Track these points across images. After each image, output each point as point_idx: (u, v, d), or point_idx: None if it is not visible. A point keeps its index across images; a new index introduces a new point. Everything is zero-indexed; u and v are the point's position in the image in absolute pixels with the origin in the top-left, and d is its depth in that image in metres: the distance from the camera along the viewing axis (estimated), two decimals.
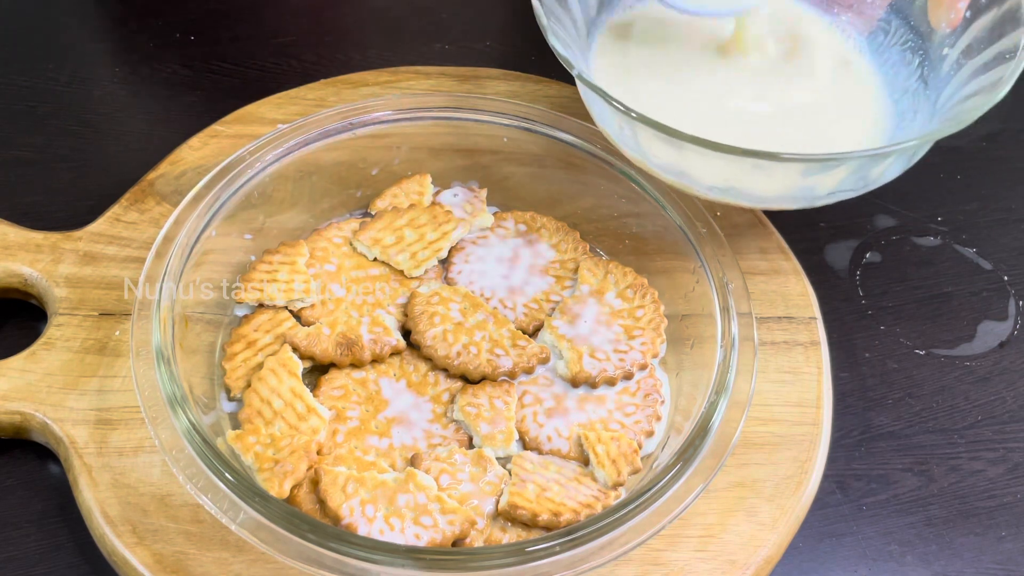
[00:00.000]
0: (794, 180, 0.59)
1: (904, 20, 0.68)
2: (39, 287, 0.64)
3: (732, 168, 0.58)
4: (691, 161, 0.59)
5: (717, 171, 0.59)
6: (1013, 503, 0.62)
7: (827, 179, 0.59)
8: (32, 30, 0.85)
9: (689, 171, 0.60)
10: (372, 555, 0.48)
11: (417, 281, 0.65)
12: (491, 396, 0.59)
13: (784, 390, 0.62)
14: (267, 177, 0.64)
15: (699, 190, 0.62)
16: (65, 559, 0.57)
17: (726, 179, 0.60)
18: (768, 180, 0.59)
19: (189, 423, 0.52)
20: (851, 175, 0.59)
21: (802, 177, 0.59)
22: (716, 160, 0.57)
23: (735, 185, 0.60)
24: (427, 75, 0.77)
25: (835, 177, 0.59)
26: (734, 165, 0.58)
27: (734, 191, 0.61)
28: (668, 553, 0.55)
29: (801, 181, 0.59)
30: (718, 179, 0.60)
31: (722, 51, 0.68)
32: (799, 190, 0.60)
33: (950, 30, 0.65)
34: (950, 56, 0.65)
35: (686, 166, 0.60)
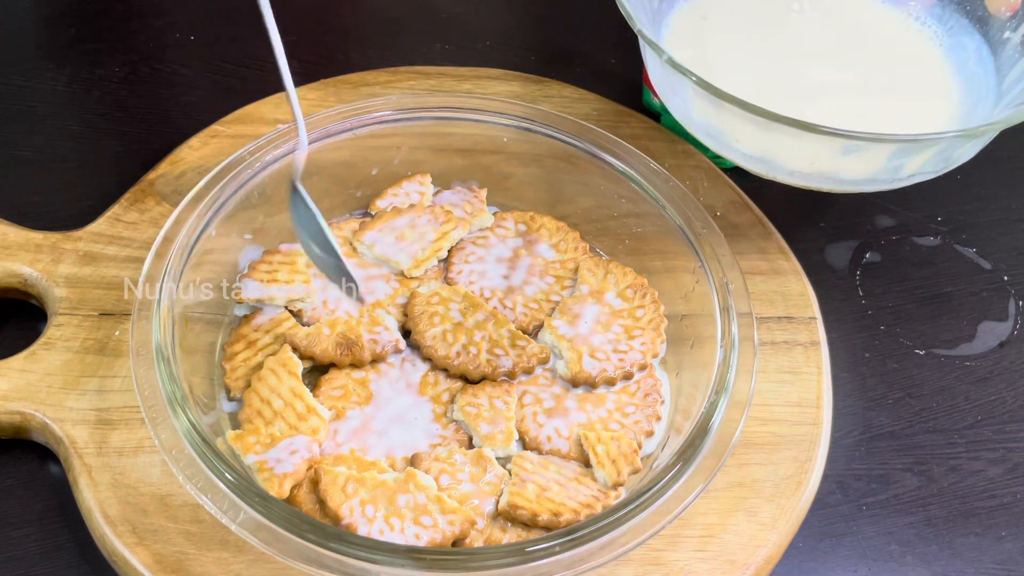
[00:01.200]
0: (881, 162, 0.60)
1: (958, 5, 0.70)
2: (39, 287, 0.64)
3: (820, 150, 0.59)
4: (780, 145, 0.60)
5: (805, 154, 0.60)
6: (1013, 503, 0.62)
7: (914, 161, 0.60)
8: (31, 30, 0.85)
9: (776, 155, 0.61)
10: (372, 555, 0.48)
11: (417, 281, 0.65)
12: (491, 396, 0.59)
13: (784, 390, 0.62)
14: (267, 177, 0.64)
15: (783, 176, 0.63)
16: (65, 559, 0.57)
17: (811, 163, 0.60)
18: (856, 162, 0.60)
19: (189, 423, 0.52)
20: (937, 156, 0.60)
21: (889, 159, 0.59)
22: (805, 143, 0.58)
23: (821, 168, 0.61)
24: (427, 75, 0.77)
25: (922, 158, 0.60)
26: (823, 147, 0.58)
27: (820, 175, 0.61)
28: (668, 553, 0.55)
29: (887, 163, 0.60)
30: (803, 163, 0.61)
31: None
32: (883, 172, 0.61)
33: (1011, 13, 0.65)
34: (1012, 40, 0.66)
35: (771, 150, 0.61)
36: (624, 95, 0.79)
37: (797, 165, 0.61)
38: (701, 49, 0.68)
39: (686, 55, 0.67)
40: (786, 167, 0.62)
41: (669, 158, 0.72)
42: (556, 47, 0.85)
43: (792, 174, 0.62)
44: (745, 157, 0.63)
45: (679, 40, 0.69)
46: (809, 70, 0.68)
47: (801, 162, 0.61)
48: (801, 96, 0.66)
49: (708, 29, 0.70)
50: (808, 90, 0.67)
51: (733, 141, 0.62)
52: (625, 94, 0.79)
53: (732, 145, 0.63)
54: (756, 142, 0.61)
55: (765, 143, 0.60)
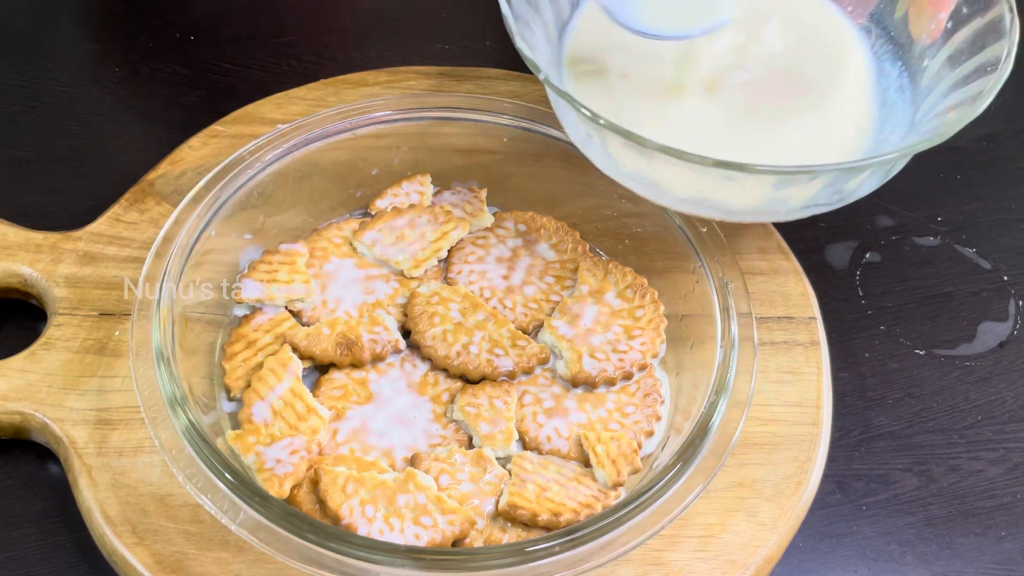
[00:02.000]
0: (765, 192, 0.57)
1: (884, 29, 0.67)
2: (39, 287, 0.64)
3: (702, 179, 0.56)
4: (661, 171, 0.57)
5: (688, 182, 0.57)
6: (1013, 503, 0.62)
7: (800, 192, 0.57)
8: (31, 30, 0.85)
9: (659, 182, 0.58)
10: (372, 555, 0.48)
11: (417, 281, 0.65)
12: (491, 396, 0.59)
13: (784, 390, 0.62)
14: (267, 177, 0.64)
15: (670, 202, 0.60)
16: (65, 559, 0.57)
17: (697, 190, 0.58)
18: (740, 192, 0.57)
19: (189, 423, 0.52)
20: (825, 188, 0.57)
21: (774, 190, 0.57)
22: (686, 171, 0.55)
23: (707, 196, 0.58)
24: (427, 75, 0.77)
25: (809, 190, 0.57)
26: (704, 176, 0.56)
27: (706, 203, 0.59)
28: (668, 553, 0.55)
29: (773, 194, 0.57)
30: (689, 190, 0.58)
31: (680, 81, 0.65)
32: (771, 203, 0.58)
33: (931, 41, 0.63)
34: (931, 67, 0.63)
35: (656, 176, 0.58)
36: None
37: (683, 192, 0.58)
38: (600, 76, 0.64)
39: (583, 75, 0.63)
40: (673, 193, 0.58)
41: None
42: None
43: (682, 201, 0.59)
44: (635, 183, 0.60)
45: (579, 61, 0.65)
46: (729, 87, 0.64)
47: (688, 190, 0.58)
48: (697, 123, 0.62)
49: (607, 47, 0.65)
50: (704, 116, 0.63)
51: (622, 166, 0.59)
52: None
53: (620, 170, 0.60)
54: (643, 169, 0.58)
55: (650, 171, 0.58)
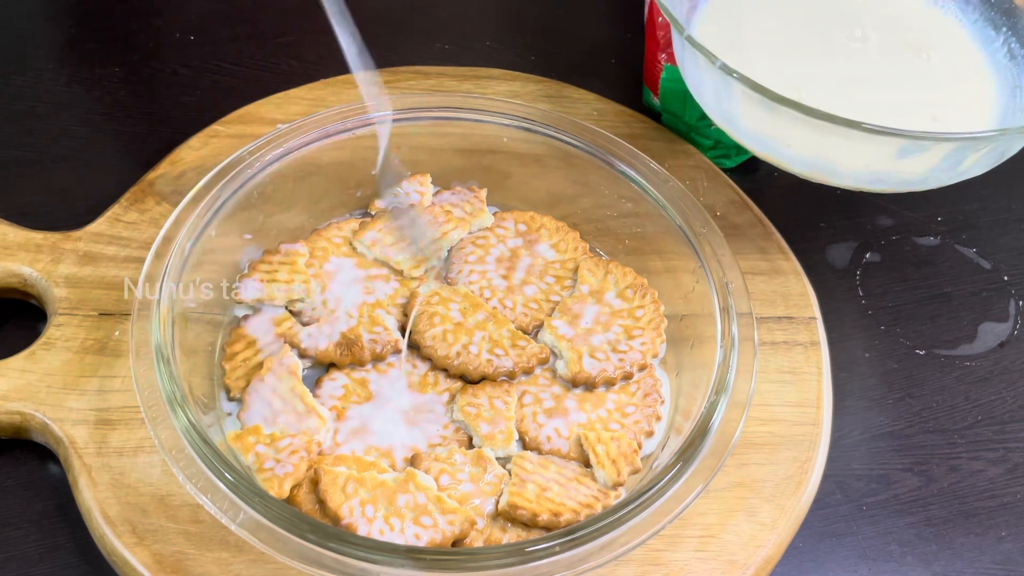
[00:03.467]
0: (936, 161, 0.59)
1: None
2: (39, 287, 0.64)
3: (879, 152, 0.58)
4: (836, 148, 0.59)
5: (863, 156, 0.59)
6: (1013, 503, 0.62)
7: (971, 158, 0.59)
8: (32, 30, 0.85)
9: (831, 158, 0.60)
10: (372, 555, 0.48)
11: (417, 281, 0.65)
12: (491, 396, 0.59)
13: (784, 390, 0.62)
14: (267, 177, 0.64)
15: (836, 179, 0.62)
16: (65, 559, 0.57)
17: (868, 164, 0.59)
18: (914, 163, 0.59)
19: (189, 423, 0.52)
20: (992, 152, 0.59)
21: (944, 159, 0.59)
22: (864, 144, 0.57)
23: (876, 169, 0.60)
24: (427, 75, 0.77)
25: (978, 155, 0.59)
26: (881, 148, 0.57)
27: (874, 176, 0.60)
28: (668, 553, 0.55)
29: (943, 162, 0.59)
30: (860, 164, 0.60)
31: None
32: (938, 170, 0.60)
33: None
34: None
35: (829, 153, 0.60)
36: (624, 95, 0.79)
37: (853, 167, 0.60)
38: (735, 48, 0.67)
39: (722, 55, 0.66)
40: (842, 170, 0.61)
41: (669, 158, 0.72)
42: (556, 47, 0.85)
43: (847, 176, 0.61)
44: (797, 162, 0.62)
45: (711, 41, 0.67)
46: (844, 63, 0.67)
47: (857, 165, 0.60)
48: (842, 91, 0.64)
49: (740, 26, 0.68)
50: (847, 85, 0.65)
51: (785, 147, 0.61)
52: (625, 94, 0.79)
53: (783, 151, 0.62)
54: (811, 146, 0.60)
55: (819, 147, 0.60)
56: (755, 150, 0.64)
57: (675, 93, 0.74)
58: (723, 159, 0.75)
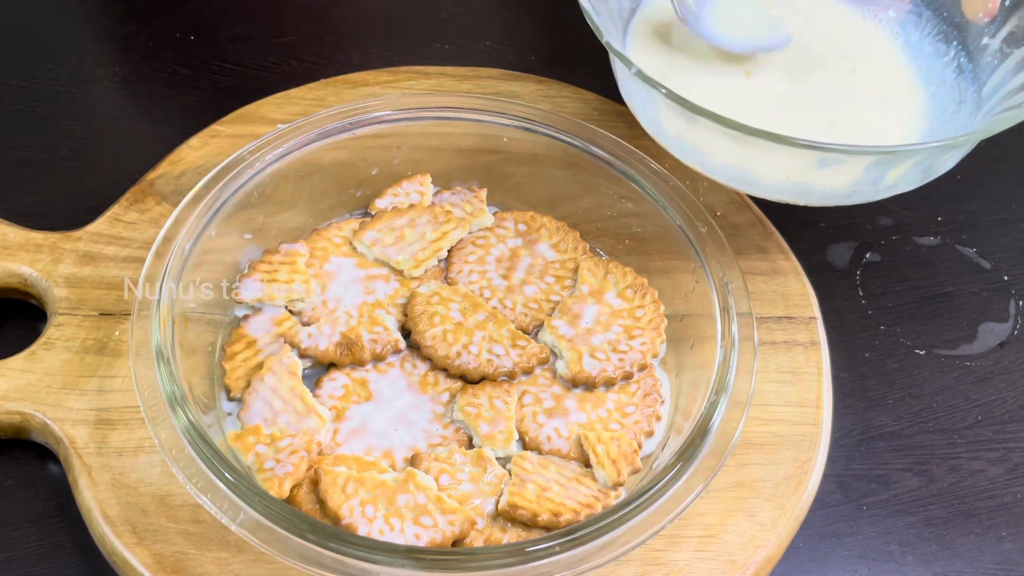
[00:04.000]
0: (858, 175, 0.59)
1: (935, 11, 0.69)
2: (39, 287, 0.64)
3: (797, 163, 0.58)
4: (756, 159, 0.59)
5: (782, 167, 0.59)
6: (1013, 503, 0.62)
7: (893, 172, 0.60)
8: (31, 30, 0.85)
9: (752, 170, 0.60)
10: (372, 555, 0.48)
11: (417, 281, 0.65)
12: (491, 396, 0.59)
13: (784, 390, 0.62)
14: (267, 177, 0.64)
15: (758, 190, 0.62)
16: (65, 559, 0.57)
17: (789, 175, 0.60)
18: (833, 175, 0.59)
19: (189, 423, 0.52)
20: (917, 167, 0.60)
21: (866, 172, 0.59)
22: (783, 156, 0.57)
23: (797, 181, 0.60)
24: (427, 75, 0.77)
25: (901, 170, 0.60)
26: (800, 160, 0.58)
27: (797, 188, 0.61)
28: (668, 553, 0.55)
29: (864, 175, 0.59)
30: (781, 176, 0.60)
31: None
32: (863, 184, 0.61)
33: (988, 19, 0.65)
34: (991, 45, 0.65)
35: (749, 164, 0.60)
36: None
37: (774, 179, 0.61)
38: (668, 58, 0.68)
39: (653, 65, 0.66)
40: (763, 182, 0.61)
41: (669, 158, 0.72)
42: (556, 47, 0.85)
43: (769, 189, 0.62)
44: (720, 173, 0.63)
45: (645, 48, 0.68)
46: (775, 80, 0.68)
47: (777, 176, 0.60)
48: (769, 106, 0.66)
49: (674, 37, 0.69)
50: (774, 99, 0.66)
51: (708, 156, 0.62)
52: None
53: (706, 161, 0.63)
54: (731, 157, 0.61)
55: (741, 158, 0.60)
56: (683, 159, 0.65)
57: None
58: None
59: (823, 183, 0.60)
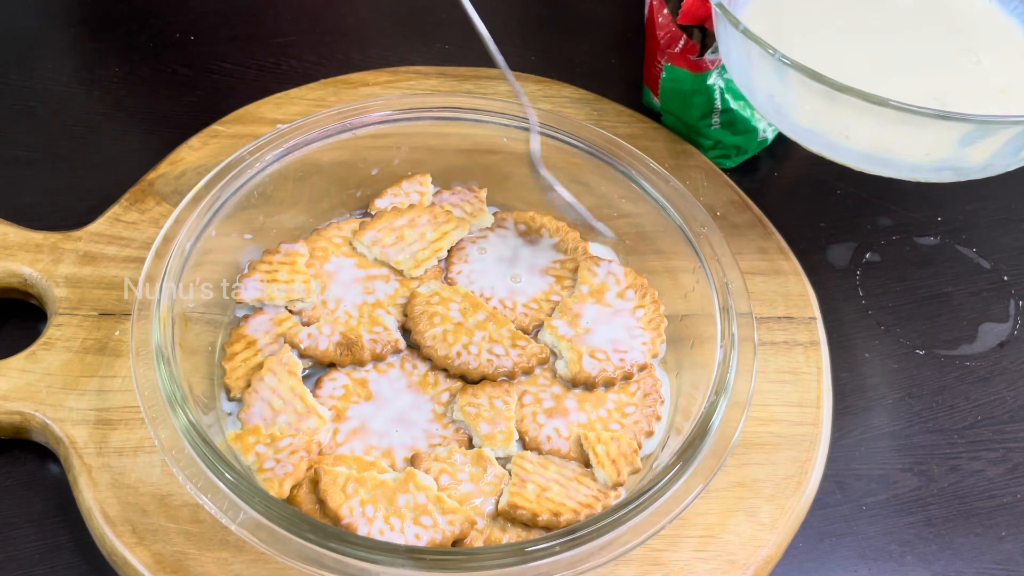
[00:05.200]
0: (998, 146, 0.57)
1: None
2: (39, 287, 0.64)
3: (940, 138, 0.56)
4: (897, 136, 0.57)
5: (923, 143, 0.57)
6: (1013, 503, 0.62)
7: (980, 150, 0.58)
8: (32, 30, 0.85)
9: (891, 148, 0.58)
10: (372, 555, 0.48)
11: (417, 281, 0.65)
12: (491, 396, 0.59)
13: (784, 390, 0.62)
14: (267, 177, 0.64)
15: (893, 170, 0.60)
16: (65, 559, 0.57)
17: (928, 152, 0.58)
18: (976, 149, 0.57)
19: (189, 423, 0.52)
20: (1005, 146, 0.58)
21: (959, 146, 0.57)
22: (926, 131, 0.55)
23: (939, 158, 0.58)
24: (427, 75, 0.77)
25: (988, 148, 0.58)
26: (943, 134, 0.56)
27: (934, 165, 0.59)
28: (668, 553, 0.55)
29: (954, 151, 0.58)
30: (920, 153, 0.58)
31: None
32: (997, 156, 0.59)
33: None
34: None
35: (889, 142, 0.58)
36: (624, 95, 0.79)
37: (913, 157, 0.58)
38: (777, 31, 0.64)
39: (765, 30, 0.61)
40: (901, 160, 0.59)
41: (669, 158, 0.72)
42: (556, 47, 0.85)
43: (906, 167, 0.59)
44: (855, 155, 0.60)
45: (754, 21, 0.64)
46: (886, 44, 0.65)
47: (917, 154, 0.58)
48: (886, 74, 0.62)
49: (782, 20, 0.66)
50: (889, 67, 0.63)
51: (843, 138, 0.60)
52: (625, 94, 0.79)
53: (840, 143, 0.60)
54: (871, 136, 0.58)
55: (880, 137, 0.58)
56: (809, 145, 0.62)
57: (675, 93, 0.74)
58: (723, 159, 0.75)
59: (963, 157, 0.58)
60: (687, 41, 0.71)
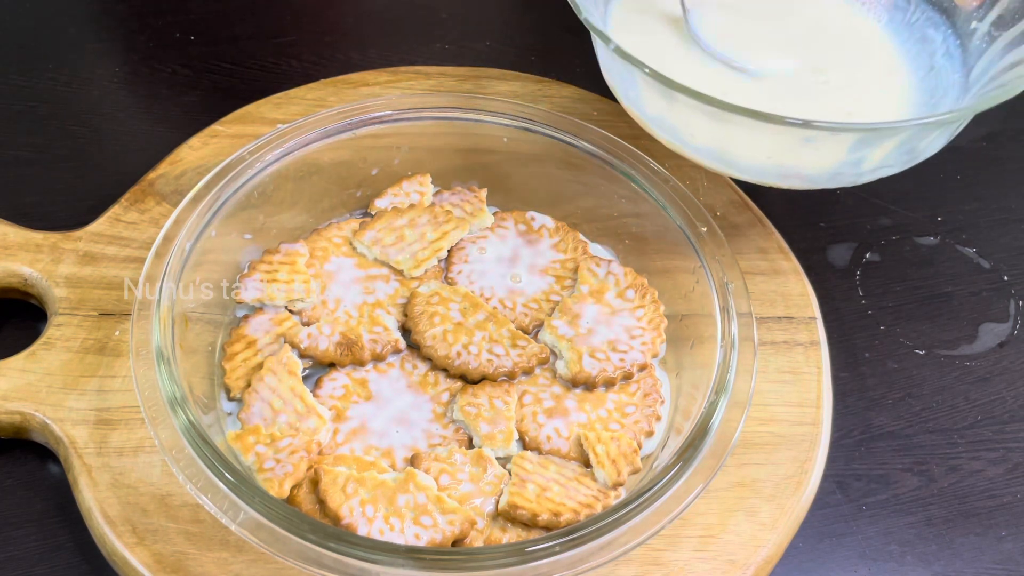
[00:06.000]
0: (840, 154, 0.59)
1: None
2: (39, 287, 0.64)
3: (779, 142, 0.58)
4: (736, 138, 0.59)
5: (763, 147, 0.59)
6: (1013, 503, 0.62)
7: (875, 152, 0.59)
8: (32, 30, 0.85)
9: (732, 150, 0.60)
10: (372, 555, 0.48)
11: (417, 281, 0.65)
12: (491, 396, 0.59)
13: (784, 390, 0.62)
14: (267, 177, 0.64)
15: (738, 172, 0.62)
16: (65, 559, 0.57)
17: (770, 155, 0.59)
18: (815, 155, 0.59)
19: (189, 423, 0.52)
20: (900, 147, 0.59)
21: (849, 152, 0.59)
22: (763, 135, 0.57)
23: (779, 162, 0.60)
24: (427, 75, 0.77)
25: (884, 149, 0.59)
26: (781, 138, 0.57)
27: (778, 170, 0.61)
28: (668, 553, 0.55)
29: (847, 155, 0.59)
30: (762, 156, 0.60)
31: None
32: (844, 165, 0.60)
33: (976, 4, 0.65)
34: (980, 29, 0.65)
35: (730, 144, 0.60)
36: None
37: (755, 159, 0.60)
38: (649, 38, 0.68)
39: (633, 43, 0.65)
40: (743, 162, 0.61)
41: (669, 158, 0.72)
42: (556, 47, 0.85)
43: (750, 170, 0.61)
44: (701, 153, 0.62)
45: (626, 29, 0.68)
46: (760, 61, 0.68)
47: (759, 156, 0.60)
48: (754, 87, 0.65)
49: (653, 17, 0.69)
50: (759, 81, 0.66)
51: (688, 137, 0.62)
52: None
53: (688, 141, 0.62)
54: (712, 136, 0.60)
55: (721, 137, 0.60)
56: (664, 140, 0.65)
57: None
58: None
59: (805, 164, 0.60)
60: None
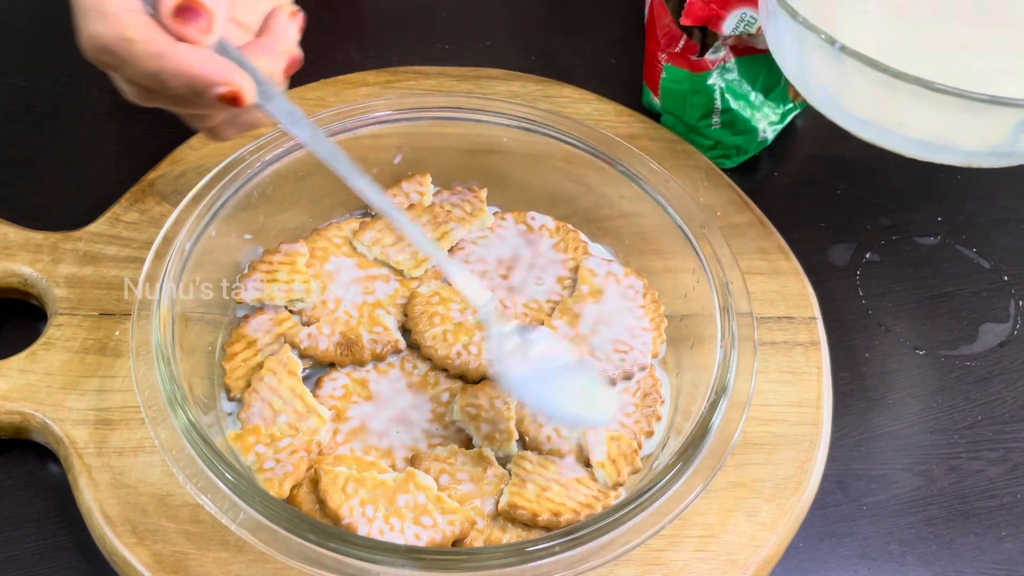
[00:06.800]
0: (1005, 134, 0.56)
1: None
2: (39, 287, 0.64)
3: (943, 115, 0.55)
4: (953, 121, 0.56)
5: (928, 119, 0.56)
6: (1013, 503, 0.62)
7: None
8: (32, 30, 0.85)
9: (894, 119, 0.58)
10: (372, 555, 0.48)
11: (417, 281, 0.65)
12: (491, 396, 0.59)
13: (784, 390, 0.62)
14: (267, 177, 0.64)
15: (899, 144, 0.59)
16: (65, 559, 0.57)
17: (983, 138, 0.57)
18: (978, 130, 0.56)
19: (189, 423, 0.52)
20: None
21: (1014, 131, 0.56)
22: (930, 106, 0.54)
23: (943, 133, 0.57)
24: (427, 75, 0.77)
25: None
26: (948, 113, 0.55)
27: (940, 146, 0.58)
28: (668, 553, 0.55)
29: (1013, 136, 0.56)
30: (925, 129, 0.57)
31: None
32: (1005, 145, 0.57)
33: None
34: None
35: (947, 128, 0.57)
36: (624, 95, 0.79)
37: (970, 143, 0.57)
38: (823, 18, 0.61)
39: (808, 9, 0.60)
40: (958, 146, 0.58)
41: (669, 158, 0.72)
42: (556, 47, 0.85)
43: (962, 153, 0.58)
44: (909, 142, 0.59)
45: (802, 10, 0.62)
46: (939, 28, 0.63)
47: (974, 140, 0.57)
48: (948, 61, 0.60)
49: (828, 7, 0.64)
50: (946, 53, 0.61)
51: (896, 126, 0.58)
52: (625, 94, 0.79)
53: (894, 131, 0.59)
54: (927, 123, 0.57)
55: (935, 124, 0.57)
56: (860, 133, 0.61)
57: (675, 93, 0.74)
58: (723, 159, 0.75)
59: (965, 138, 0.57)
60: (687, 41, 0.71)
